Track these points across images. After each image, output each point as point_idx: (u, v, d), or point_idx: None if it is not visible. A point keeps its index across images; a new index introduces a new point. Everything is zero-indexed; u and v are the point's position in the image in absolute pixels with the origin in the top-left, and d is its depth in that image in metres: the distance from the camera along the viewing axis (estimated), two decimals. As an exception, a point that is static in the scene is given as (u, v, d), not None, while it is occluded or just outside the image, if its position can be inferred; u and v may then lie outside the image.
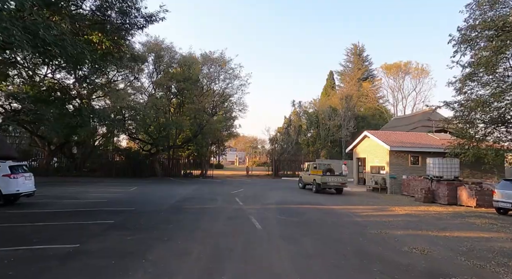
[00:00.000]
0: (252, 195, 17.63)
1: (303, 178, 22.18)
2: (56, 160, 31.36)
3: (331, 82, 52.03)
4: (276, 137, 54.81)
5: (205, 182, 26.79)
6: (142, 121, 25.42)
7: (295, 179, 32.02)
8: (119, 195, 15.76)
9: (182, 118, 26.53)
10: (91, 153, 33.16)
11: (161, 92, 30.50)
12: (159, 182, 25.53)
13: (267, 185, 25.52)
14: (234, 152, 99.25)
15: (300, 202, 14.82)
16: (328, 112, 35.21)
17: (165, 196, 15.80)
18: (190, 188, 20.98)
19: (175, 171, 32.71)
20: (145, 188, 20.10)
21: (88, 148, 33.22)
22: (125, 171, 30.58)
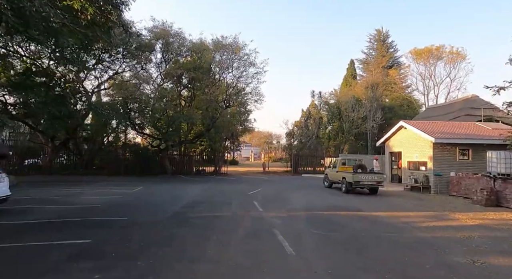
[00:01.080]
0: (273, 196, 15.01)
1: (329, 175, 19.39)
2: (64, 158, 29.67)
3: (352, 72, 48.67)
4: (293, 132, 52.28)
5: (218, 180, 24.36)
6: (150, 115, 23.16)
7: (317, 176, 29.24)
8: (117, 198, 13.45)
9: (193, 111, 24.13)
10: (100, 149, 31.35)
11: (171, 83, 28.14)
12: (168, 181, 23.26)
13: (287, 183, 22.85)
14: (249, 148, 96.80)
15: (332, 207, 12.09)
16: (351, 103, 32.10)
17: (171, 199, 13.38)
18: (201, 187, 18.54)
19: (186, 168, 30.44)
20: (151, 188, 17.81)
21: (96, 144, 31.44)
22: (133, 169, 28.51)
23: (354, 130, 31.53)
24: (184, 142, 28.34)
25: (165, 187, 18.92)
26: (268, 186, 20.44)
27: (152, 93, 24.18)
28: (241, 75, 26.22)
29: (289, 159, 35.37)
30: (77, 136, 31.47)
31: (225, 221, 9.12)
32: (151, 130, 27.80)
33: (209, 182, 22.32)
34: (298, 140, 46.84)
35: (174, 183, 21.33)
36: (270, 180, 25.38)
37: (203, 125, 31.18)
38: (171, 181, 23.39)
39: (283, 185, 21.02)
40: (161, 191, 16.86)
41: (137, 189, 17.38)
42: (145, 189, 17.58)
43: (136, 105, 22.81)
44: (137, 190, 16.95)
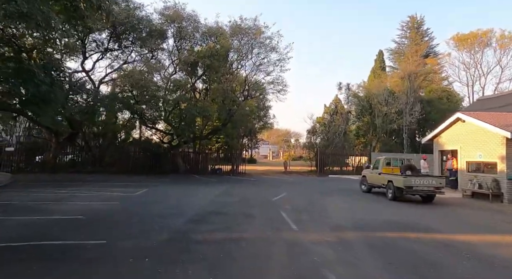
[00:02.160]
0: (304, 205, 11.93)
1: (368, 178, 16.11)
2: (72, 154, 27.67)
3: (380, 63, 44.79)
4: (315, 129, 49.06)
5: (236, 181, 21.49)
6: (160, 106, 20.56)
7: (345, 177, 25.88)
8: (111, 205, 10.75)
9: (208, 104, 21.34)
10: (110, 146, 29.21)
11: (184, 74, 25.44)
12: (179, 181, 20.59)
13: (315, 186, 19.70)
14: (267, 146, 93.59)
15: (391, 223, 8.89)
16: (384, 95, 28.48)
17: (176, 207, 10.56)
18: (216, 190, 15.68)
19: (201, 166, 27.77)
20: (157, 191, 15.12)
21: (106, 140, 29.32)
22: (144, 166, 26.12)
23: (389, 126, 27.90)
24: (198, 137, 25.65)
25: (173, 189, 16.20)
26: (294, 189, 17.37)
27: (164, 84, 21.56)
28: (261, 62, 23.18)
29: (313, 157, 32.15)
30: (85, 132, 29.58)
31: (246, 250, 6.13)
32: (162, 124, 25.24)
33: (226, 183, 19.47)
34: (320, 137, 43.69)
35: (185, 184, 18.61)
36: (294, 181, 22.28)
37: (219, 120, 28.43)
38: (182, 181, 20.71)
39: (311, 188, 17.89)
40: (167, 194, 14.12)
41: (141, 191, 14.74)
42: (150, 191, 14.90)
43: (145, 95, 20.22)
44: (140, 192, 14.29)
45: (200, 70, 25.12)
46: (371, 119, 29.23)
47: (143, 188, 15.78)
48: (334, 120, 32.92)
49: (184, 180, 21.39)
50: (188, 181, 21.13)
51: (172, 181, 20.59)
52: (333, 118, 32.96)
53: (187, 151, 28.11)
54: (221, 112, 23.67)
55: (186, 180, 21.39)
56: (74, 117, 23.53)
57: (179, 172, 25.67)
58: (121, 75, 19.34)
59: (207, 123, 27.60)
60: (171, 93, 23.31)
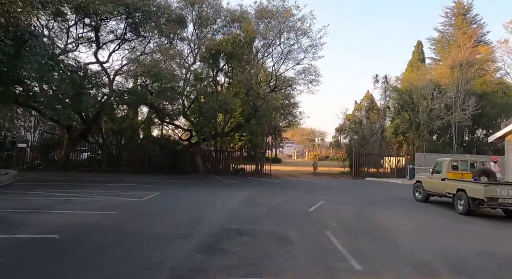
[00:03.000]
0: (353, 220, 9.15)
1: (425, 184, 12.99)
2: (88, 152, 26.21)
3: (419, 55, 40.80)
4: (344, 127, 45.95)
5: (261, 184, 18.91)
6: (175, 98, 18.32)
7: (386, 180, 22.63)
8: (105, 216, 8.47)
9: (231, 96, 18.87)
10: (128, 143, 27.55)
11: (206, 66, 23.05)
12: (197, 183, 18.29)
13: (356, 191, 16.75)
14: (291, 145, 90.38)
15: (501, 259, 5.93)
16: (430, 88, 24.86)
17: (185, 223, 8.09)
18: (238, 196, 13.16)
19: (222, 166, 25.45)
20: (168, 196, 12.82)
21: (125, 137, 27.69)
22: (161, 166, 24.13)
23: (437, 122, 24.23)
24: (219, 134, 23.29)
25: (189, 193, 13.85)
26: (332, 196, 14.52)
27: (182, 74, 19.32)
28: (290, 49, 20.35)
29: (345, 157, 29.10)
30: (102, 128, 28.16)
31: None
32: (181, 120, 23.09)
33: (250, 187, 16.92)
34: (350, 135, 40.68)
35: (203, 187, 16.24)
36: (328, 185, 19.37)
37: (242, 116, 25.96)
38: (200, 182, 18.39)
39: (352, 195, 14.97)
40: (180, 201, 11.76)
41: (151, 195, 12.48)
42: (161, 196, 12.61)
43: (157, 85, 18.07)
44: (149, 197, 12.02)
45: (222, 62, 22.73)
46: (413, 115, 25.71)
47: (154, 191, 13.54)
48: (369, 117, 29.61)
49: (202, 182, 19.09)
50: (207, 182, 18.79)
51: (189, 182, 18.33)
52: (368, 115, 29.64)
53: (207, 149, 25.84)
54: (245, 107, 21.15)
55: (205, 182, 19.07)
56: (87, 111, 21.94)
57: (198, 172, 23.45)
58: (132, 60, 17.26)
59: (230, 119, 25.22)
60: (190, 86, 21.07)
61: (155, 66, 15.96)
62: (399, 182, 21.46)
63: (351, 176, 25.13)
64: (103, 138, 27.78)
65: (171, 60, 18.11)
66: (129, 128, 27.28)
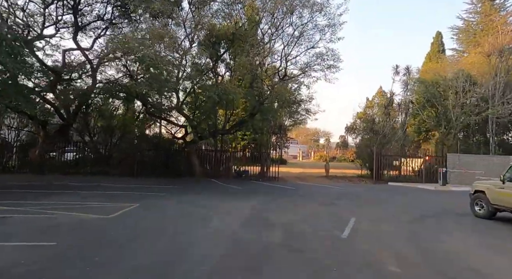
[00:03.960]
0: (418, 257, 5.90)
1: (493, 196, 9.64)
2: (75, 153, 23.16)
3: (438, 46, 37.61)
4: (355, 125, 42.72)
5: (268, 190, 15.71)
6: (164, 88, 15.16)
7: (414, 186, 19.23)
8: (29, 252, 5.34)
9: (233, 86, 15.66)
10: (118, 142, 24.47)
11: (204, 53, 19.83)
12: (190, 189, 15.13)
13: (387, 201, 13.44)
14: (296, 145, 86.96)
15: None
16: (461, 79, 21.51)
17: (152, 269, 4.88)
18: (241, 210, 9.94)
19: (223, 168, 22.27)
20: (147, 212, 9.63)
21: (115, 136, 24.61)
22: (153, 167, 20.97)
23: (471, 118, 20.83)
24: (219, 131, 20.09)
25: (177, 206, 10.65)
26: (363, 209, 11.24)
27: (175, 60, 16.17)
28: (303, 30, 17.06)
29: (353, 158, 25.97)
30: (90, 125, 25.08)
31: None
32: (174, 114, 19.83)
33: (255, 195, 13.71)
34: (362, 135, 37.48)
35: (197, 196, 13.00)
36: (349, 192, 16.09)
37: (245, 112, 22.76)
38: (195, 189, 15.21)
39: (388, 208, 11.69)
40: (161, 219, 8.58)
41: (124, 210, 9.36)
42: (137, 211, 9.45)
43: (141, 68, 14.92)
44: (120, 213, 8.90)
45: (222, 50, 19.55)
46: (442, 110, 22.38)
47: (133, 203, 10.41)
48: (390, 113, 26.29)
49: (198, 187, 15.92)
50: (204, 188, 15.62)
51: (181, 188, 15.19)
52: (388, 110, 26.31)
53: (206, 149, 22.66)
54: (249, 98, 17.92)
55: (201, 188, 15.89)
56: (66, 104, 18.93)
57: (195, 175, 20.28)
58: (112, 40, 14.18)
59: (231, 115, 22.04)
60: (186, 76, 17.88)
61: (137, 47, 12.83)
62: (431, 188, 18.17)
63: (371, 180, 21.84)
64: (91, 136, 24.83)
65: (160, 42, 14.95)
66: (120, 125, 24.21)
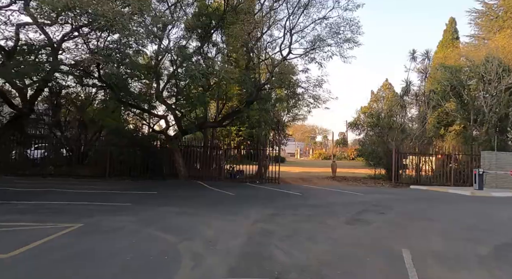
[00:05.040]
0: None
1: None
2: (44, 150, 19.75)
3: (452, 34, 34.50)
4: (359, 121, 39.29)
5: (269, 198, 12.18)
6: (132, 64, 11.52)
7: (440, 189, 15.76)
8: None
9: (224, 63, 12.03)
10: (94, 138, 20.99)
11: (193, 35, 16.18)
12: (168, 196, 11.57)
13: (433, 215, 9.92)
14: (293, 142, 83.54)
15: None
16: (495, 63, 18.18)
17: None
18: (232, 236, 6.38)
19: (213, 168, 18.76)
20: (82, 241, 6.04)
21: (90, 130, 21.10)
22: (130, 167, 17.42)
23: (504, 111, 17.51)
24: (207, 124, 16.52)
25: (132, 232, 6.99)
26: (413, 233, 7.74)
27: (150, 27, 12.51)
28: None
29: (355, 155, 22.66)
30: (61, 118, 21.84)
31: None
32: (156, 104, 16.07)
33: (251, 205, 10.13)
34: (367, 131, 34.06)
35: (171, 210, 9.34)
36: (374, 200, 12.55)
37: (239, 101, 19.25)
38: (174, 197, 11.63)
39: (443, 229, 8.18)
40: (88, 266, 5.00)
41: (46, 239, 5.84)
42: (60, 245, 5.82)
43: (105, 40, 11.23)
44: (27, 249, 5.34)
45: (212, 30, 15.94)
46: (470, 100, 19.06)
47: (73, 224, 6.92)
48: (405, 105, 22.90)
49: (179, 194, 12.38)
50: (186, 196, 12.06)
51: (156, 196, 11.65)
52: (403, 102, 22.91)
53: (193, 145, 19.05)
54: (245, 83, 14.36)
55: (183, 195, 12.34)
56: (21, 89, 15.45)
57: (178, 177, 16.75)
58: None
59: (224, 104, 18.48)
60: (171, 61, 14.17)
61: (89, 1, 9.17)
62: (467, 194, 14.80)
63: (388, 182, 18.49)
64: (62, 131, 21.29)
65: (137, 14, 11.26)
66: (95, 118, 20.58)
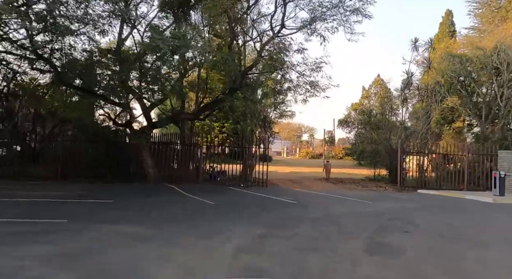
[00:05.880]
0: None
1: None
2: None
3: (449, 27, 32.96)
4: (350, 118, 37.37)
5: (256, 208, 9.45)
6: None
7: (455, 196, 13.34)
8: None
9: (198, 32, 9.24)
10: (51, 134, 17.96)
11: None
12: (122, 210, 8.67)
13: (473, 235, 7.34)
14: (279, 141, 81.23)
15: None
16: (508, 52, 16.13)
17: None
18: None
19: (190, 168, 15.94)
20: None
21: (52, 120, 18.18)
22: (92, 166, 14.45)
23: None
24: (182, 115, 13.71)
25: (42, 272, 4.13)
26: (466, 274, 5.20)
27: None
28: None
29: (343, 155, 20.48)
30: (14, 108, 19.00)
31: None
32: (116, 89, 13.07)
33: (233, 224, 7.33)
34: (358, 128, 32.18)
35: (119, 231, 6.45)
36: (387, 211, 9.96)
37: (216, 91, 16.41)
38: (128, 211, 8.68)
39: (502, 261, 5.70)
40: None
41: None
42: None
43: None
44: None
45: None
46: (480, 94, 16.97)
47: None
48: (406, 99, 20.73)
49: (140, 205, 9.50)
50: (149, 207, 9.20)
51: (109, 207, 8.78)
52: (403, 94, 20.69)
53: (167, 142, 16.11)
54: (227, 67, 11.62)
55: (146, 205, 9.49)
56: None
57: (146, 180, 13.85)
58: None
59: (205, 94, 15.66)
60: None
61: None
62: (488, 201, 12.54)
63: (391, 185, 16.18)
64: (15, 125, 18.17)
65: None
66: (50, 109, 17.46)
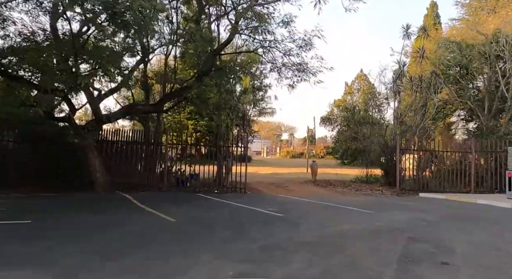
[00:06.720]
0: None
1: None
2: None
3: (434, 19, 31.89)
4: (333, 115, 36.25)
5: (232, 228, 6.87)
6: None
7: (464, 201, 11.13)
8: None
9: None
10: None
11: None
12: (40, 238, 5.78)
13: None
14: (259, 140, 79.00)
15: None
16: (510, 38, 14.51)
17: None
18: None
19: (153, 172, 13.10)
20: None
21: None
22: (25, 173, 11.39)
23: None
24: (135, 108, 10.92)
25: None
26: None
27: None
28: None
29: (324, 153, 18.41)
30: None
31: None
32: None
33: (196, 253, 4.76)
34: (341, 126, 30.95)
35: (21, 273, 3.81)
36: (399, 227, 7.70)
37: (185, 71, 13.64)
38: (47, 239, 5.67)
39: None
40: None
41: None
42: None
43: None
44: None
45: None
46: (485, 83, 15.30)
47: None
48: (399, 91, 18.89)
49: (69, 226, 6.63)
50: (82, 230, 6.38)
51: (21, 233, 5.90)
52: (395, 87, 18.80)
53: (123, 141, 13.19)
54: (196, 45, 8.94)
55: (79, 226, 6.66)
56: None
57: (96, 189, 10.99)
58: None
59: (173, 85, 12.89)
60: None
61: None
62: (506, 206, 10.62)
63: (387, 188, 14.13)
64: None
65: None
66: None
